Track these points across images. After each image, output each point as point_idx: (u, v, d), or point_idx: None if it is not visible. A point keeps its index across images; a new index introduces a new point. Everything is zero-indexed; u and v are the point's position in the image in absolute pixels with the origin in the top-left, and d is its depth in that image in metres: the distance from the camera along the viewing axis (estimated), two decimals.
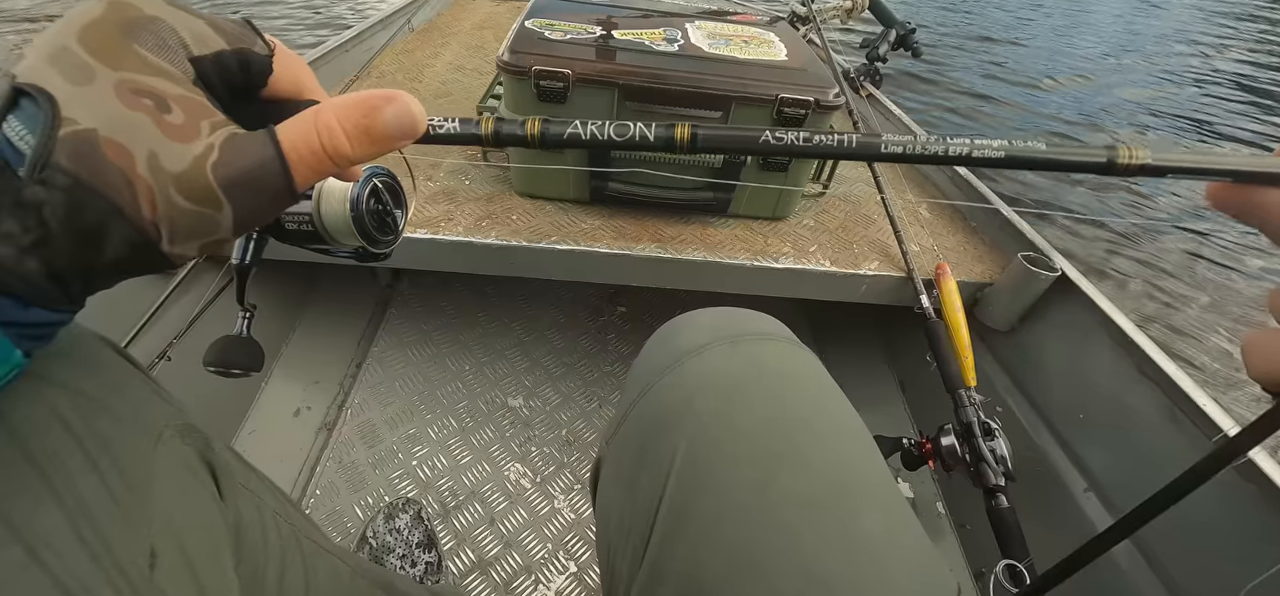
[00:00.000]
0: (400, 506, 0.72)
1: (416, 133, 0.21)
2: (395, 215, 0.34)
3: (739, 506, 0.25)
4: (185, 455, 0.27)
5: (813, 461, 0.26)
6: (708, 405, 0.28)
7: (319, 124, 0.19)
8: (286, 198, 0.20)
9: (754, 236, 0.82)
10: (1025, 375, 0.81)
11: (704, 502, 0.25)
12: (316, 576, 0.38)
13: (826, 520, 0.24)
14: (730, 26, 0.86)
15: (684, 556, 0.25)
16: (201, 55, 0.19)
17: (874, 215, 0.92)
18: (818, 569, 0.23)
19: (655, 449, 0.28)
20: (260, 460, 0.79)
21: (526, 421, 0.91)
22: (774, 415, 0.27)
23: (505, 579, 0.73)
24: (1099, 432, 0.71)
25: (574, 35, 0.75)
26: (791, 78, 0.74)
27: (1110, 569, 0.64)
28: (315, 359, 0.94)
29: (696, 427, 0.27)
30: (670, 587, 0.25)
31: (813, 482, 0.25)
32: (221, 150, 0.18)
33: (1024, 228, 0.85)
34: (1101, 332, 0.73)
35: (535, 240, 0.75)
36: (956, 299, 0.77)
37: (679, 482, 0.26)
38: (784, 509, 0.24)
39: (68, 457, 0.22)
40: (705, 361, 0.30)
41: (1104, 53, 4.39)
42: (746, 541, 0.24)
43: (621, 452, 0.31)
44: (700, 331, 0.32)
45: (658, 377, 0.30)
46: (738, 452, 0.26)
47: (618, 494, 0.30)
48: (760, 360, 0.30)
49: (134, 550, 0.23)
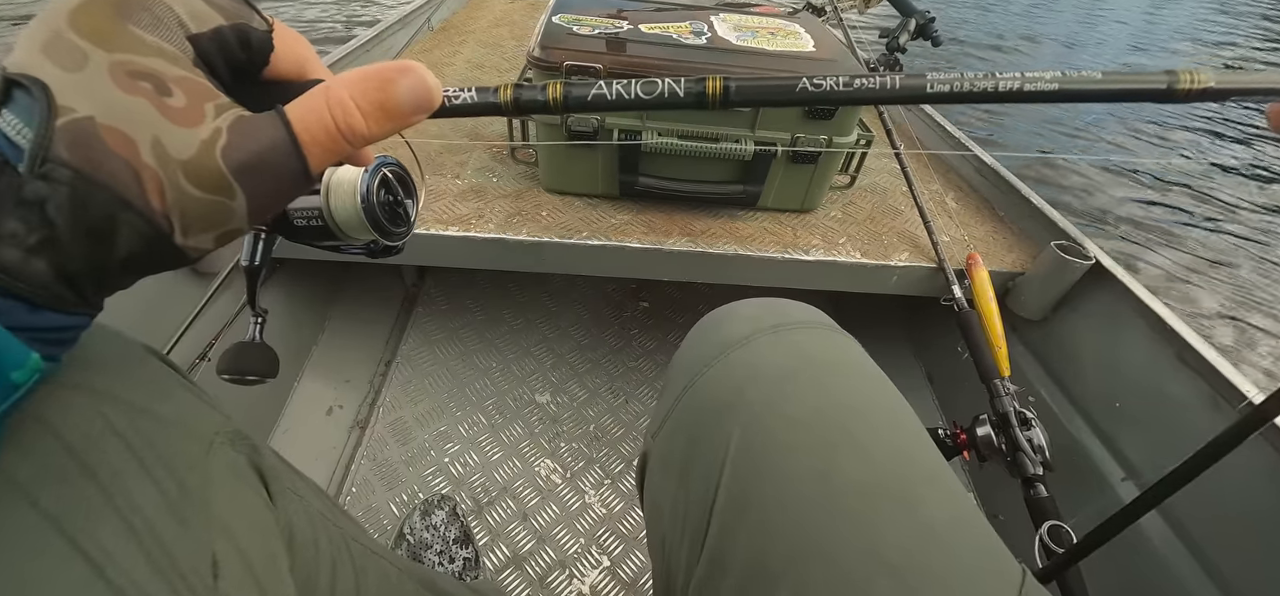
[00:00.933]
0: (435, 503, 0.73)
1: (433, 105, 0.20)
2: (406, 206, 0.33)
3: (801, 495, 0.24)
4: (236, 462, 0.27)
5: (870, 448, 0.26)
6: (758, 394, 0.28)
7: (331, 101, 0.18)
8: (302, 182, 0.19)
9: (783, 229, 0.82)
10: (1059, 364, 0.81)
11: (764, 491, 0.25)
12: (367, 579, 0.38)
13: (891, 506, 0.24)
14: (755, 18, 0.86)
15: (746, 545, 0.25)
16: (200, 33, 0.18)
17: (901, 206, 0.91)
18: (886, 553, 0.22)
19: (707, 440, 0.28)
20: (296, 459, 0.80)
21: (554, 417, 0.91)
22: (825, 403, 0.27)
23: (540, 573, 0.73)
24: (1136, 421, 0.70)
25: (601, 30, 0.75)
26: (821, 68, 0.74)
27: (1142, 544, 0.64)
28: (345, 358, 0.94)
29: (749, 417, 0.27)
30: (734, 577, 0.25)
31: (873, 470, 0.25)
32: (230, 133, 0.17)
33: (1056, 216, 0.84)
34: (1138, 320, 0.72)
35: (566, 236, 0.76)
36: (989, 289, 0.76)
37: (734, 472, 0.26)
38: (847, 496, 0.24)
39: (124, 469, 0.22)
40: (751, 352, 0.30)
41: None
42: (812, 528, 0.24)
43: (670, 446, 0.31)
44: (743, 322, 0.32)
45: (703, 370, 0.30)
46: (794, 441, 0.26)
47: (669, 487, 0.30)
48: (805, 348, 0.30)
49: (196, 560, 0.23)
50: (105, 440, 0.22)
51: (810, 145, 0.76)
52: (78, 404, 0.22)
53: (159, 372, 0.27)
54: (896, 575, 0.22)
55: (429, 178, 0.85)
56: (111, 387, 0.23)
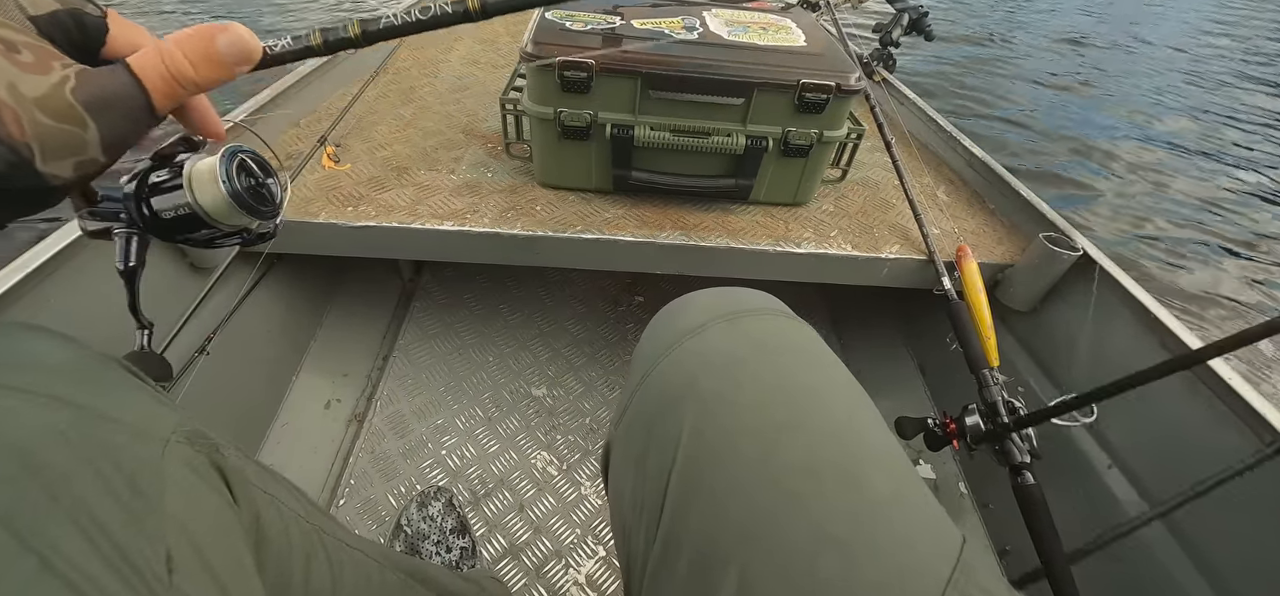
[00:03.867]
0: (432, 495, 0.74)
1: (253, 59, 0.25)
2: (268, 186, 0.34)
3: (747, 478, 0.25)
4: (194, 460, 0.27)
5: (816, 430, 0.26)
6: (709, 383, 0.28)
7: (162, 51, 0.23)
8: (147, 116, 0.23)
9: (775, 223, 0.83)
10: (1047, 354, 0.82)
11: (713, 475, 0.26)
12: (343, 572, 0.39)
13: (836, 485, 0.25)
14: (747, 14, 0.87)
15: (697, 528, 0.26)
16: (37, 15, 0.22)
17: (893, 200, 0.92)
18: (832, 529, 0.23)
19: (662, 429, 0.29)
20: (295, 451, 0.81)
21: (551, 410, 0.92)
22: (774, 388, 0.28)
23: (536, 563, 0.74)
24: (1121, 408, 0.72)
25: (594, 25, 0.76)
26: (812, 63, 0.74)
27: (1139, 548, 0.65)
28: (343, 352, 0.95)
29: (700, 405, 0.28)
30: (686, 558, 0.26)
31: (816, 450, 0.26)
32: (77, 78, 0.21)
33: (1044, 208, 0.85)
34: (1124, 310, 0.73)
35: (560, 230, 0.76)
36: (978, 280, 0.77)
37: (686, 458, 0.27)
38: (793, 476, 0.25)
39: (72, 470, 0.22)
40: (704, 340, 0.30)
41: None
42: (758, 509, 0.24)
43: (630, 436, 0.31)
44: (698, 311, 0.32)
45: (659, 360, 0.31)
46: (740, 426, 0.27)
47: (628, 475, 0.31)
48: (758, 335, 0.30)
49: (149, 555, 0.23)
50: (52, 443, 0.22)
51: (801, 139, 0.77)
52: (24, 409, 0.22)
53: (113, 377, 0.27)
54: (842, 549, 0.23)
55: (424, 173, 0.85)
56: (61, 392, 0.24)
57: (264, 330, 0.84)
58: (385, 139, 0.93)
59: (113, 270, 0.66)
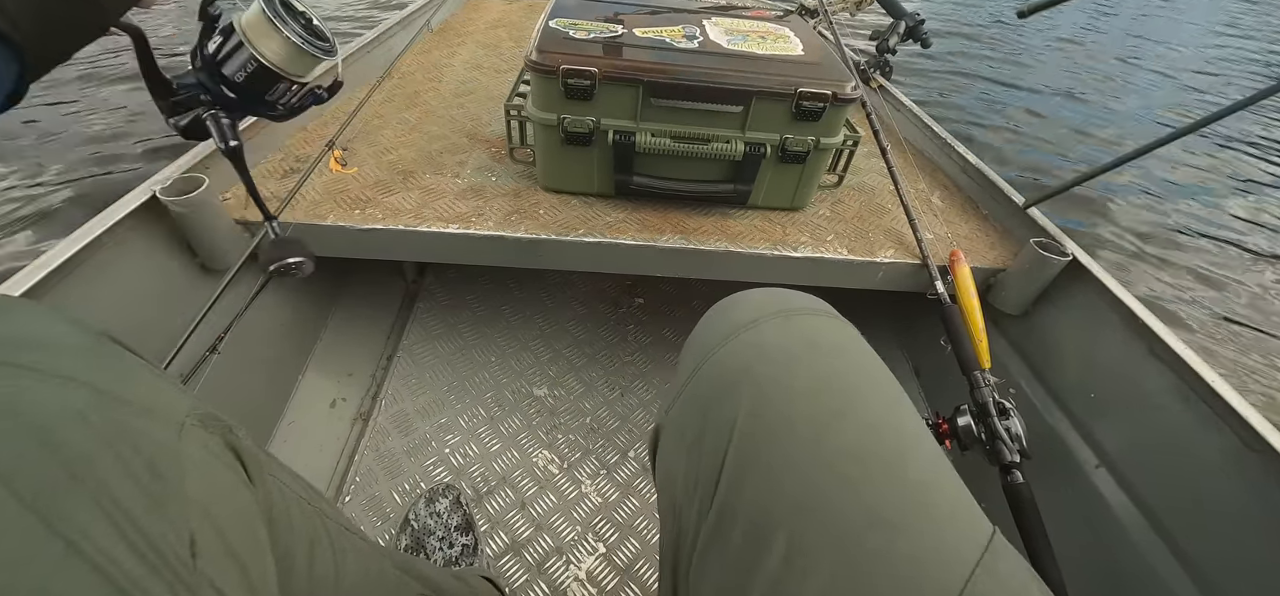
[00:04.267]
0: (440, 491, 0.76)
1: None
2: (311, 19, 0.36)
3: (801, 457, 0.27)
4: (211, 442, 0.27)
5: (865, 419, 0.28)
6: (765, 372, 0.30)
7: None
8: None
9: (773, 227, 0.85)
10: (1038, 357, 0.84)
11: (769, 452, 0.28)
12: (345, 558, 0.39)
13: (879, 468, 0.27)
14: (746, 22, 0.89)
15: (751, 499, 0.28)
16: None
17: (888, 205, 0.94)
18: (877, 508, 0.25)
19: (718, 412, 0.30)
20: (301, 449, 0.83)
21: (552, 410, 0.94)
22: (825, 380, 0.30)
23: (538, 559, 0.76)
24: (1110, 411, 0.73)
25: (597, 34, 0.78)
26: (809, 71, 0.76)
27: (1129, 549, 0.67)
28: (348, 352, 0.97)
29: (756, 391, 0.29)
30: (740, 527, 0.28)
31: (864, 437, 0.28)
32: None
33: (1036, 215, 0.87)
34: (1112, 315, 0.75)
35: (563, 233, 0.78)
36: (971, 284, 0.79)
37: (742, 437, 0.29)
38: (843, 459, 0.27)
39: (92, 452, 0.22)
40: (759, 334, 0.32)
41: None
42: (810, 485, 0.26)
43: (684, 419, 0.33)
44: (752, 308, 0.34)
45: (714, 350, 0.33)
46: (795, 412, 0.28)
47: (681, 455, 0.32)
48: (810, 333, 0.32)
49: (173, 540, 0.23)
50: (69, 422, 0.22)
51: (799, 146, 0.79)
52: (38, 388, 0.22)
53: (123, 358, 0.27)
54: (887, 527, 0.25)
55: (429, 177, 0.87)
56: (76, 372, 0.23)
57: (271, 331, 0.86)
58: (391, 143, 0.94)
59: (132, 269, 0.68)
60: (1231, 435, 0.60)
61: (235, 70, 0.34)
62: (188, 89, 0.36)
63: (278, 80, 0.35)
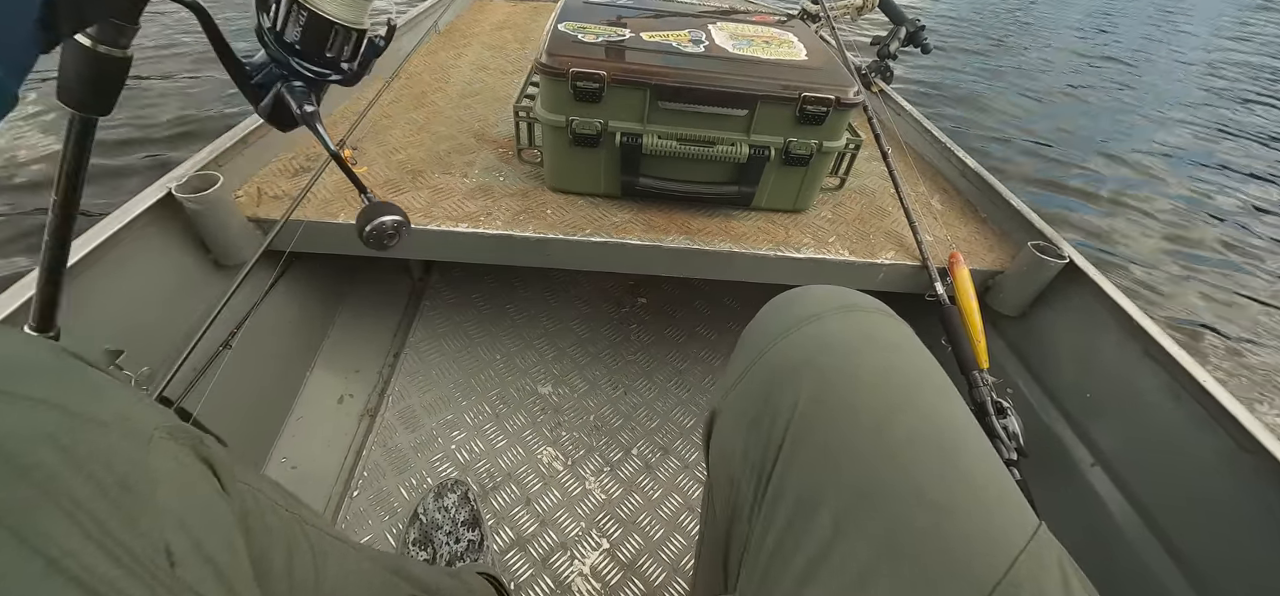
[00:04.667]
0: (449, 486, 0.77)
1: None
2: None
3: (860, 442, 0.29)
4: (180, 454, 0.27)
5: (919, 412, 0.30)
6: (828, 361, 0.32)
7: None
8: None
9: (776, 228, 0.86)
10: (1035, 358, 0.85)
11: (825, 435, 0.30)
12: (326, 561, 0.39)
13: (933, 454, 0.28)
14: (750, 27, 0.90)
15: (804, 478, 0.29)
16: None
17: (889, 207, 0.96)
18: (928, 492, 0.27)
19: (779, 395, 0.32)
20: (309, 444, 0.84)
21: (556, 407, 0.95)
22: (885, 374, 0.31)
23: (542, 555, 0.77)
24: (1105, 411, 0.75)
25: (605, 37, 0.79)
26: (813, 77, 0.78)
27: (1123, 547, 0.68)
28: (355, 349, 0.98)
29: (819, 377, 0.31)
30: (789, 499, 0.30)
31: (920, 428, 0.29)
32: None
33: (1033, 218, 0.89)
34: (1108, 317, 0.77)
35: (570, 233, 0.79)
36: (970, 286, 0.81)
37: (802, 418, 0.30)
38: (900, 446, 0.28)
39: (61, 471, 0.22)
40: (822, 327, 0.34)
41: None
42: (866, 468, 0.28)
43: (743, 402, 0.35)
44: (814, 302, 0.36)
45: (778, 339, 0.34)
46: (857, 402, 0.30)
47: (739, 434, 0.34)
48: (869, 328, 0.34)
49: (150, 551, 0.23)
50: (39, 445, 0.22)
51: (802, 149, 0.80)
52: (10, 413, 0.22)
53: (91, 376, 0.26)
54: (936, 508, 0.26)
55: (438, 176, 0.88)
56: (44, 394, 0.23)
57: (281, 327, 0.87)
58: (399, 143, 0.96)
59: (147, 265, 0.69)
60: (1225, 436, 0.62)
61: (293, 31, 0.35)
62: (259, 68, 0.36)
63: (331, 29, 0.35)
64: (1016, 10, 6.13)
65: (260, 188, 0.81)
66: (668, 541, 0.80)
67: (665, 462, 0.89)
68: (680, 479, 0.87)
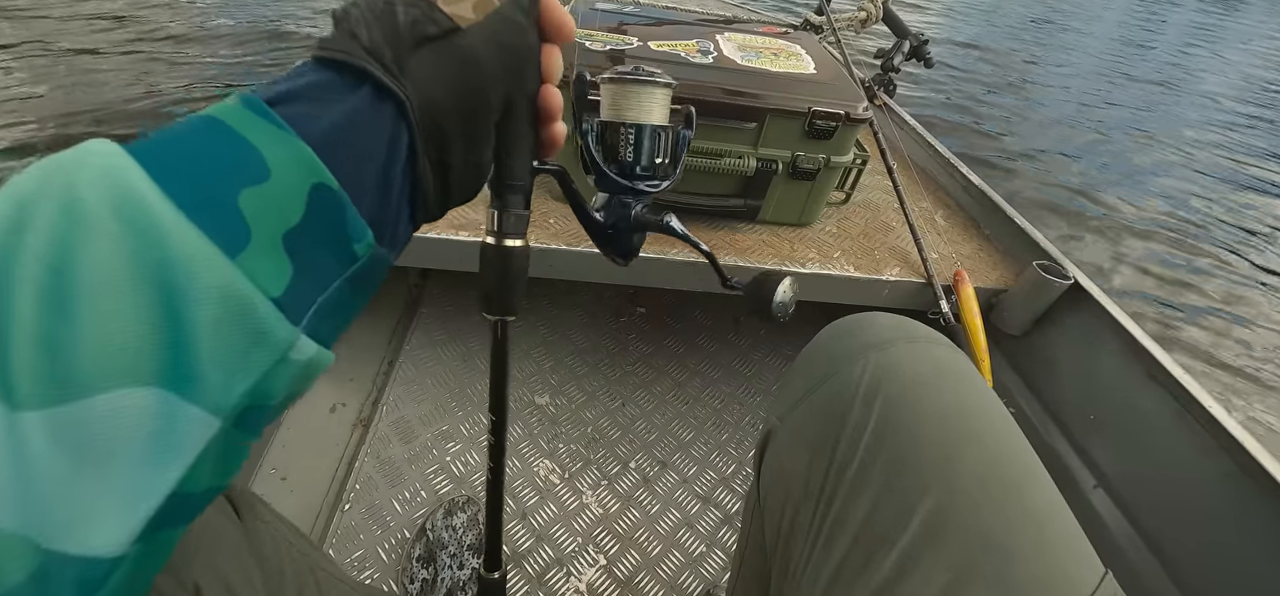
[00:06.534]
0: (460, 504, 0.75)
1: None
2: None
3: (926, 478, 0.28)
4: None
5: (988, 444, 0.29)
6: (896, 391, 0.32)
7: None
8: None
9: (781, 242, 0.85)
10: (1038, 377, 0.85)
11: (891, 468, 0.29)
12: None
13: (1000, 493, 0.28)
14: (758, 39, 0.89)
15: (862, 508, 0.29)
16: None
17: (893, 223, 0.95)
18: (989, 531, 0.26)
19: (844, 422, 0.32)
20: (299, 455, 0.82)
21: (553, 419, 0.93)
22: (952, 405, 0.31)
23: (538, 571, 0.75)
24: (1108, 432, 0.75)
25: (615, 46, 0.78)
26: (821, 91, 0.77)
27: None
28: (349, 357, 0.96)
29: (886, 407, 0.31)
30: (851, 530, 0.29)
31: (987, 461, 0.29)
32: None
33: (1038, 236, 0.88)
34: (1112, 338, 0.77)
35: (573, 243, 0.78)
36: (974, 304, 0.80)
37: (868, 450, 0.30)
38: (965, 479, 0.28)
39: None
40: (889, 356, 0.33)
41: None
42: (932, 506, 0.28)
43: (805, 424, 0.35)
44: (882, 330, 0.36)
45: (842, 366, 0.34)
46: (924, 435, 0.30)
47: (802, 459, 0.34)
48: (936, 360, 0.34)
49: (176, 589, 0.24)
50: None
51: (809, 163, 0.79)
52: None
53: None
54: (1002, 551, 0.26)
55: None
56: None
57: None
58: None
59: None
60: (1228, 459, 0.62)
61: (629, 153, 0.35)
62: (607, 211, 0.36)
63: (617, 129, 0.35)
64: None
65: None
66: (666, 558, 0.78)
67: (664, 476, 0.88)
68: (678, 493, 0.86)
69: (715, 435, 0.94)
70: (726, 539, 0.81)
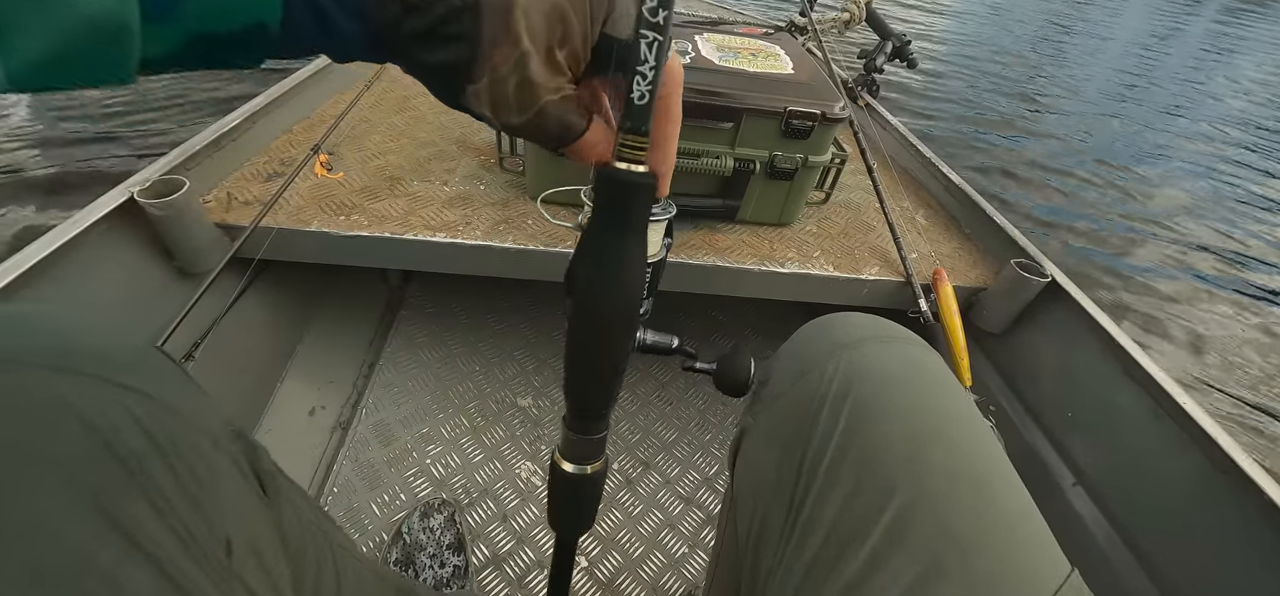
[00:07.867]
0: (436, 506, 0.74)
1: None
2: None
3: (894, 477, 0.29)
4: (238, 459, 0.29)
5: (955, 442, 0.30)
6: (866, 391, 0.32)
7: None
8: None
9: (760, 242, 0.85)
10: (1017, 375, 0.85)
11: (861, 468, 0.30)
12: (346, 579, 0.40)
13: (968, 490, 0.28)
14: (737, 39, 0.90)
15: (833, 508, 0.29)
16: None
17: (873, 222, 0.95)
18: (956, 528, 0.26)
19: (814, 423, 0.32)
20: (278, 457, 0.81)
21: (536, 420, 0.93)
22: (921, 403, 0.31)
23: (519, 573, 0.75)
24: (1086, 430, 0.75)
25: None
26: (798, 91, 0.77)
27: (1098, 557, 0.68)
28: (329, 359, 0.95)
29: (856, 405, 0.31)
30: (822, 529, 0.30)
31: (955, 459, 0.29)
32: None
33: (1016, 235, 0.89)
34: (1089, 336, 0.77)
35: (551, 245, 0.78)
36: (953, 302, 0.80)
37: (837, 449, 0.31)
38: (934, 478, 0.28)
39: (146, 455, 0.24)
40: (861, 355, 0.34)
41: None
42: (900, 504, 0.28)
43: (779, 424, 0.35)
44: (854, 329, 0.36)
45: (814, 366, 0.34)
46: (894, 433, 0.30)
47: (773, 457, 0.34)
48: (907, 358, 0.34)
49: (212, 541, 0.25)
50: (128, 427, 0.24)
51: (787, 163, 0.79)
52: (103, 394, 0.24)
53: (170, 370, 0.29)
54: (967, 546, 0.26)
55: (417, 184, 0.86)
56: (131, 381, 0.25)
57: (249, 336, 0.84)
58: (378, 148, 0.93)
59: (105, 273, 0.66)
60: (1201, 455, 0.62)
61: None
62: None
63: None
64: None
65: (230, 193, 0.78)
66: (647, 559, 0.78)
67: (646, 478, 0.87)
68: (661, 495, 0.86)
69: (698, 436, 0.94)
70: (709, 539, 0.81)
